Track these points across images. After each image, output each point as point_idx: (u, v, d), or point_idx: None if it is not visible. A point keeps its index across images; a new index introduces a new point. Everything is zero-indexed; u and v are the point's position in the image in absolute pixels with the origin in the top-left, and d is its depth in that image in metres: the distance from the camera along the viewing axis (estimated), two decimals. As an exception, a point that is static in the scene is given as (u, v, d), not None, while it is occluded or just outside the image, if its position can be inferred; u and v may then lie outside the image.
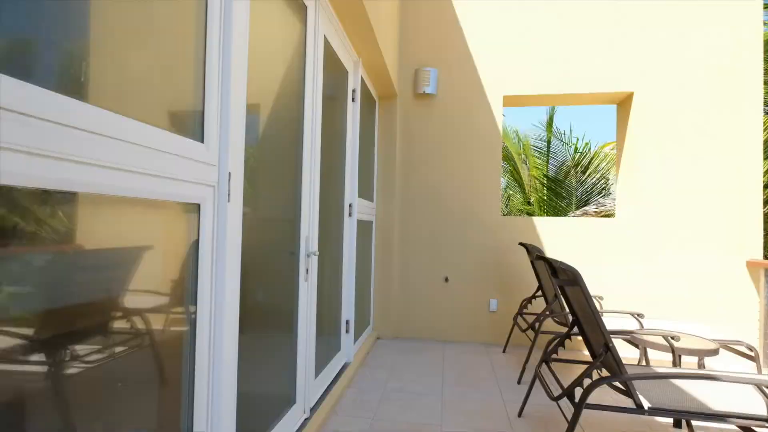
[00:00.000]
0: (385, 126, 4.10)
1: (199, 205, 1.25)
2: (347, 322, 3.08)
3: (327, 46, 2.48)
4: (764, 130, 4.98)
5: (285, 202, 2.02)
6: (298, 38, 2.07)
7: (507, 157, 9.36)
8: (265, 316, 1.88)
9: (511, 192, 9.83)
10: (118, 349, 1.03)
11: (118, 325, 1.03)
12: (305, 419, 2.16)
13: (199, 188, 1.23)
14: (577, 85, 3.90)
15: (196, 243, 1.25)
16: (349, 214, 3.10)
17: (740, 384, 1.87)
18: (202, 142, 1.25)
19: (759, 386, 1.65)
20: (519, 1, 4.02)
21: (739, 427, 1.77)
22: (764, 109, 5.84)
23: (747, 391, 1.87)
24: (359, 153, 3.28)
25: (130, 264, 1.05)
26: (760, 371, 2.67)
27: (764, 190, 4.74)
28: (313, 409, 2.27)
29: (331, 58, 2.61)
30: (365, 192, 3.67)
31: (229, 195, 1.34)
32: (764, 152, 4.97)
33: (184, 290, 1.23)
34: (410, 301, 4.10)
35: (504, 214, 9.19)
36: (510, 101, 4.22)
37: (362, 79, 3.39)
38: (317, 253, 2.24)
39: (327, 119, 2.52)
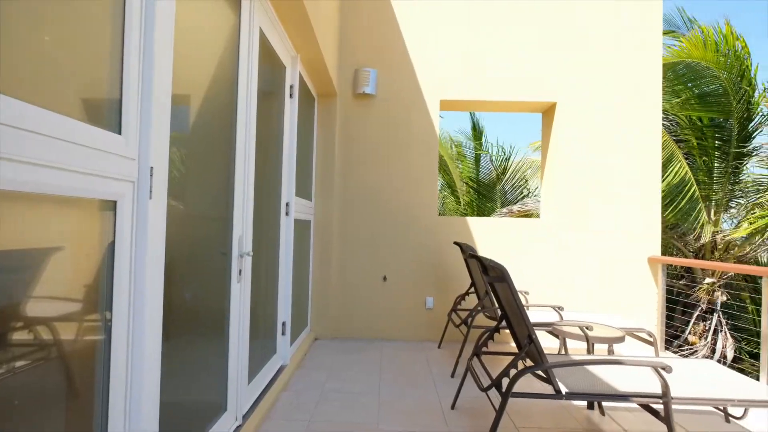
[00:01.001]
0: (324, 124, 4.06)
1: (115, 203, 1.15)
2: (283, 323, 3.01)
3: (263, 39, 2.40)
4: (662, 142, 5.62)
5: (216, 199, 1.93)
6: (231, 29, 1.98)
7: (440, 160, 9.72)
8: (193, 320, 1.78)
9: (445, 193, 10.20)
10: (19, 363, 0.91)
11: (18, 336, 0.91)
12: (237, 426, 2.07)
13: (115, 184, 1.13)
14: (508, 93, 4.15)
15: (113, 243, 1.15)
16: (286, 213, 3.02)
17: (641, 366, 2.10)
18: (120, 133, 1.15)
19: (655, 368, 1.86)
20: (456, 9, 4.18)
21: (640, 405, 1.99)
22: (663, 123, 6.62)
23: (646, 372, 2.11)
24: (297, 150, 3.21)
25: (31, 268, 0.94)
26: (657, 354, 3.02)
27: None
28: (246, 416, 2.18)
29: (267, 52, 2.53)
30: (303, 191, 3.61)
31: (150, 191, 1.25)
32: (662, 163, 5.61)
33: (99, 295, 1.12)
34: (349, 301, 4.09)
35: (440, 215, 9.51)
36: (446, 105, 4.38)
37: (301, 75, 3.33)
38: (251, 253, 2.16)
39: (263, 114, 2.44)
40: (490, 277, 2.23)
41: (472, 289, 3.69)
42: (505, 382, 2.06)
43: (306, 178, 3.75)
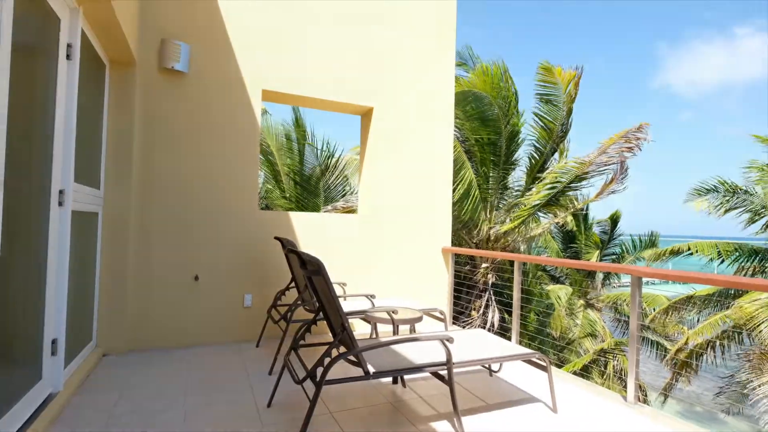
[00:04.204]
0: (119, 98, 3.40)
1: None
2: (54, 341, 2.40)
3: (22, -24, 1.85)
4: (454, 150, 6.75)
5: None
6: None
7: (267, 152, 9.42)
8: None
9: (269, 186, 9.92)
10: None
11: None
12: (-29, 485, 1.55)
13: None
14: (329, 93, 4.28)
15: None
16: (60, 203, 2.42)
17: (432, 340, 2.47)
18: None
19: (441, 340, 2.22)
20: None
21: (431, 373, 2.34)
22: (457, 137, 7.97)
23: (436, 344, 2.49)
24: (79, 126, 2.61)
25: None
26: (446, 329, 3.61)
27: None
28: (-13, 468, 1.66)
29: (30, -5, 1.97)
30: (88, 176, 2.95)
31: None
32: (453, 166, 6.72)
33: None
34: (150, 307, 3.56)
35: (262, 208, 9.20)
36: (269, 96, 4.24)
37: (84, 34, 2.71)
38: (-2, 254, 1.64)
39: (23, 75, 1.88)
40: (308, 271, 2.27)
41: (293, 284, 3.69)
42: (321, 371, 2.13)
43: (92, 161, 3.08)
